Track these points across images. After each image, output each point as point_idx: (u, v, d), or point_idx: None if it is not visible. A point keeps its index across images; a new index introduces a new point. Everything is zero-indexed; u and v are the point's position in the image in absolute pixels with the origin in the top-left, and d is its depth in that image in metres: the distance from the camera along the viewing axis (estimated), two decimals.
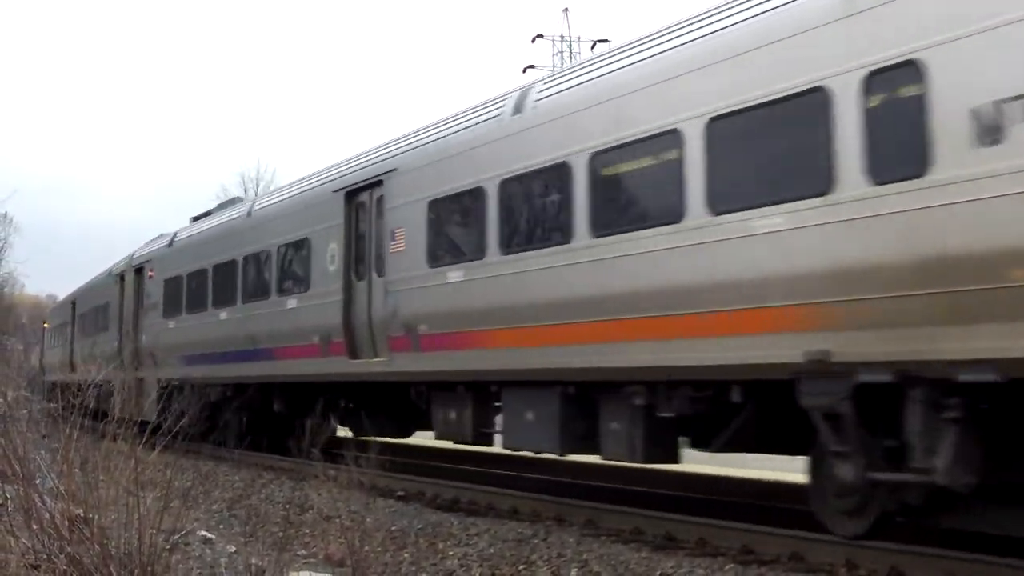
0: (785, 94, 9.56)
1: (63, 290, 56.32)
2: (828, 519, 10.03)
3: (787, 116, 9.63)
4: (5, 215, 74.55)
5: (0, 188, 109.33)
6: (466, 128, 14.43)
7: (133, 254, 30.47)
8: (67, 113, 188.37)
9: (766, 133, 9.86)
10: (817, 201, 9.11)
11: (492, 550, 11.22)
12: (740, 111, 10.00)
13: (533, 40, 60.93)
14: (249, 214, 22.27)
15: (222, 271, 22.55)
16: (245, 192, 61.23)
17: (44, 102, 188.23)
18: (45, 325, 54.95)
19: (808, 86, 9.32)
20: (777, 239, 9.51)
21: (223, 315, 22.17)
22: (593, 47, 56.05)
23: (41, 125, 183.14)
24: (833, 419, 9.28)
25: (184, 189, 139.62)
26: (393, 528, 12.54)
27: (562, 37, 60.57)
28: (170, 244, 27.01)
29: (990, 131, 7.86)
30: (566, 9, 76.41)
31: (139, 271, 28.69)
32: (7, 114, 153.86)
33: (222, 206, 27.79)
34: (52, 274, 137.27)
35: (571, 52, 59.24)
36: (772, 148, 9.84)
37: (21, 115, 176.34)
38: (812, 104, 9.26)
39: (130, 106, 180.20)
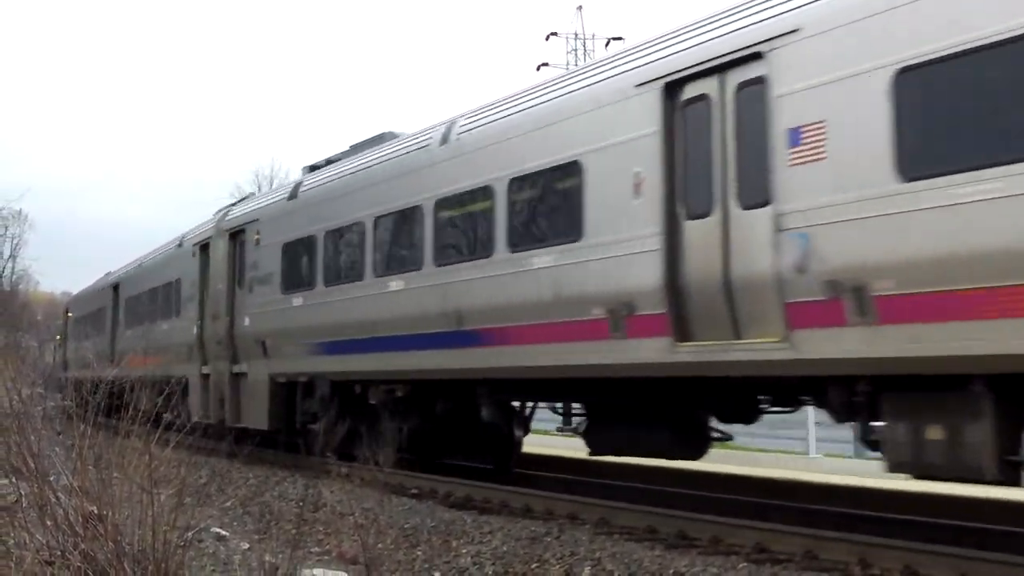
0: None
1: (77, 288, 55.16)
2: None
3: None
4: (20, 212, 74.86)
5: (14, 185, 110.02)
6: None
7: (223, 215, 24.25)
8: (80, 111, 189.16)
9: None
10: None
11: (505, 548, 11.22)
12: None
13: (547, 38, 60.85)
14: (445, 140, 15.54)
15: (393, 224, 16.56)
16: (259, 189, 60.96)
17: (57, 99, 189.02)
18: (69, 315, 49.84)
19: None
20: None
21: (396, 285, 16.12)
22: (607, 45, 55.95)
23: (54, 122, 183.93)
24: None
25: (198, 187, 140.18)
26: (406, 526, 12.55)
27: (576, 35, 60.44)
28: (293, 196, 20.38)
29: None
30: (580, 7, 76.24)
31: (235, 236, 22.44)
32: (21, 111, 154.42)
33: (362, 145, 19.90)
34: (65, 272, 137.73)
35: (585, 50, 59.17)
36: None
37: (35, 112, 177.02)
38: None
39: (143, 104, 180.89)
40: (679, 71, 11.36)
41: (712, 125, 11.03)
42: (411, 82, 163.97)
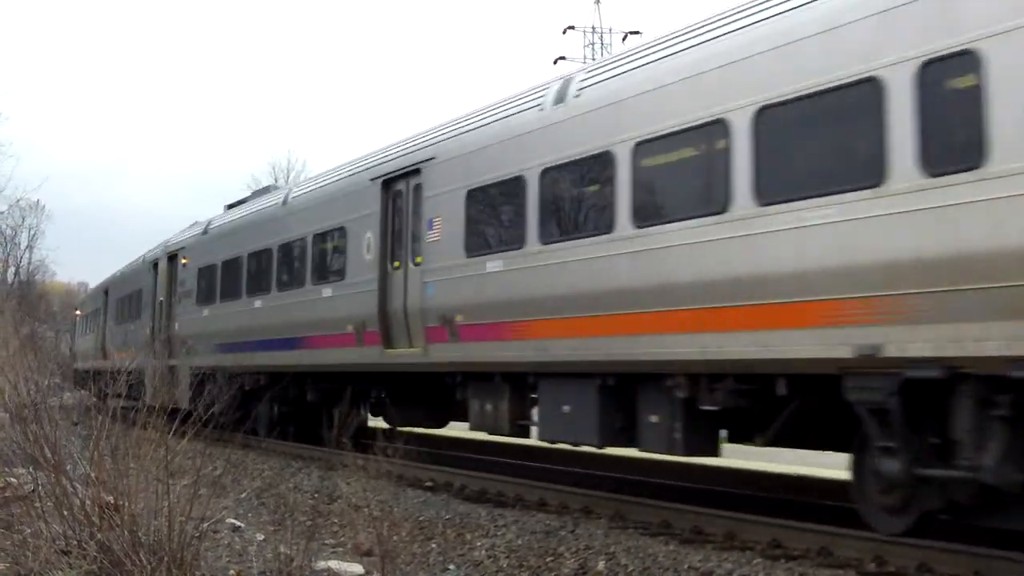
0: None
1: (93, 278, 55.91)
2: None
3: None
4: (37, 202, 75.11)
5: (32, 175, 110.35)
6: None
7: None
8: (97, 101, 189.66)
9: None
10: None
11: (520, 541, 11.23)
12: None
13: (564, 31, 60.79)
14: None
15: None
16: (275, 181, 61.42)
17: (78, 90, 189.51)
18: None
19: None
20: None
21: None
22: (624, 39, 55.90)
23: (74, 113, 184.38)
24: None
25: (215, 178, 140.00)
26: (421, 518, 12.57)
27: (593, 28, 60.38)
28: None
29: None
30: (598, 0, 76.03)
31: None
32: (40, 101, 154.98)
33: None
34: (81, 262, 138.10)
35: (602, 44, 59.07)
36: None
37: (54, 102, 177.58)
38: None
39: (161, 94, 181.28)
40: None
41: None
42: (426, 75, 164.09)
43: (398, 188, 16.98)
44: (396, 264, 16.84)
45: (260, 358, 21.49)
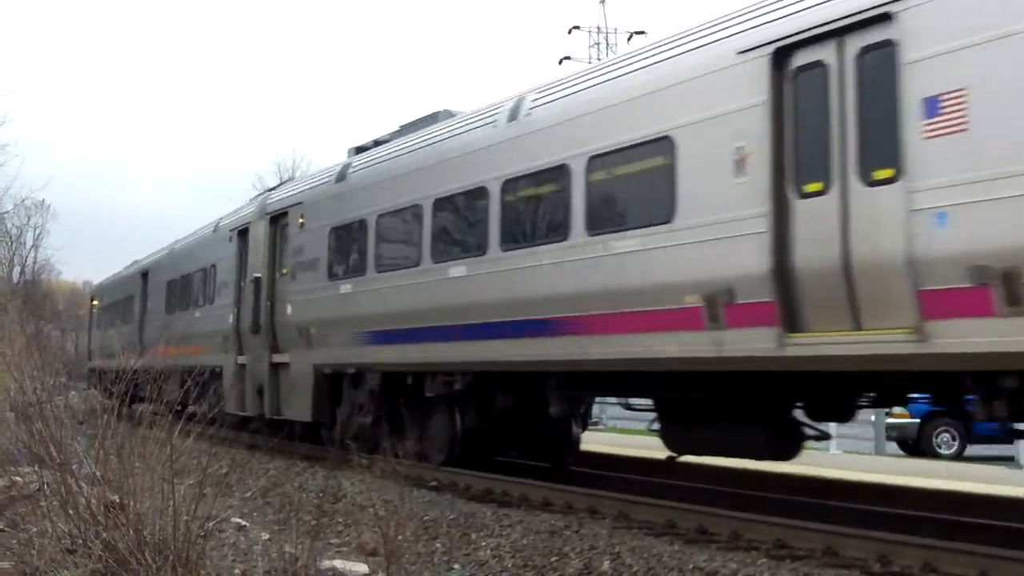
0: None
1: (98, 277, 54.94)
2: None
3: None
4: (42, 202, 75.14)
5: (37, 175, 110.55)
6: None
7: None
8: (101, 100, 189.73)
9: None
10: None
11: (525, 541, 11.23)
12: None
13: (569, 31, 60.81)
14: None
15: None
16: (280, 179, 61.00)
17: (82, 91, 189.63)
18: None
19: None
20: None
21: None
22: (630, 39, 55.86)
23: (78, 113, 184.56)
24: None
25: (219, 177, 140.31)
26: (426, 518, 12.57)
27: (598, 29, 60.42)
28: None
29: None
30: (603, 0, 76.06)
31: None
32: (45, 102, 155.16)
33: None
34: (87, 262, 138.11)
35: (607, 44, 59.08)
36: None
37: (58, 103, 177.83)
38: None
39: (164, 93, 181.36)
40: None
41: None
42: (431, 75, 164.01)
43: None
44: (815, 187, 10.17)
45: (459, 351, 15.25)
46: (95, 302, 46.12)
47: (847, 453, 22.29)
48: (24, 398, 10.22)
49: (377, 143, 19.58)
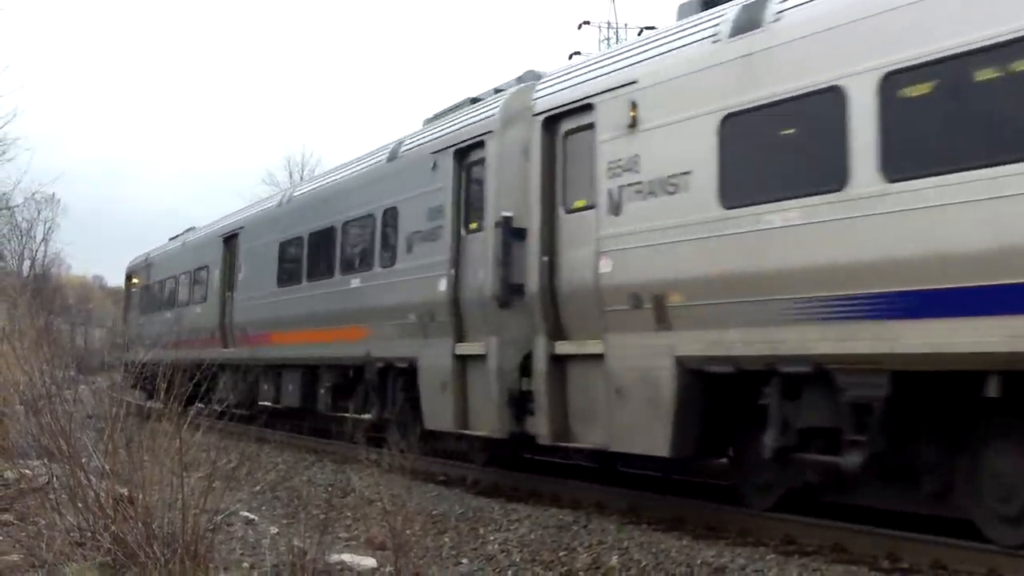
0: None
1: (108, 272, 54.54)
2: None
3: None
4: (52, 196, 75.21)
5: (48, 169, 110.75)
6: None
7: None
8: (112, 95, 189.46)
9: None
10: None
11: (533, 536, 11.24)
12: None
13: (580, 27, 60.63)
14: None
15: None
16: (290, 177, 61.28)
17: (92, 86, 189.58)
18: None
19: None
20: None
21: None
22: (640, 34, 55.71)
23: (89, 108, 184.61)
24: None
25: (229, 173, 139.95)
26: (434, 512, 12.59)
27: (609, 24, 60.20)
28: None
29: None
30: None
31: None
32: (56, 97, 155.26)
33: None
34: (97, 256, 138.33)
35: (618, 39, 58.94)
36: None
37: (69, 98, 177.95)
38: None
39: (173, 90, 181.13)
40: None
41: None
42: (442, 68, 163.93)
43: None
44: None
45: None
46: (135, 280, 37.40)
47: None
48: (34, 391, 10.22)
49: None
